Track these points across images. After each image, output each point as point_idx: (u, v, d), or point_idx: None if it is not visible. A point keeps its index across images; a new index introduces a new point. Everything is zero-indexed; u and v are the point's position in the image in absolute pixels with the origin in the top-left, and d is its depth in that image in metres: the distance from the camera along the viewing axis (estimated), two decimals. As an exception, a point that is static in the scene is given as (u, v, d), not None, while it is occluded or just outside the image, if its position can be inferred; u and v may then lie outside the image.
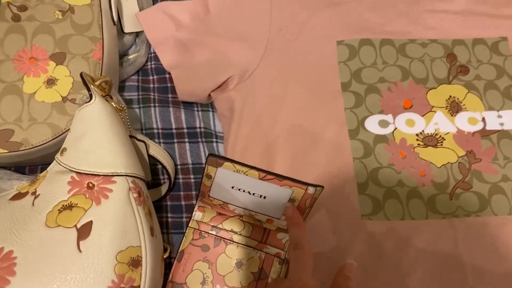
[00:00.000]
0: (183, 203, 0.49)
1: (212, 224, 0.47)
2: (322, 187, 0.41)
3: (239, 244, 0.46)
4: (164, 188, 0.49)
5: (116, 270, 0.35)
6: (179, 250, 0.46)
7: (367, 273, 0.46)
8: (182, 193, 0.50)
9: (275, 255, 0.46)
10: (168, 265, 0.46)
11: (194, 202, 0.50)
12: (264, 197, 0.42)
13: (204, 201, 0.45)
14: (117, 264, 0.35)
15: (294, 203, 0.42)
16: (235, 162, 0.39)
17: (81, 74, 0.41)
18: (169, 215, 0.49)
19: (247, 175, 0.40)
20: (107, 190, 0.37)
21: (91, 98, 0.40)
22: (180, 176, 0.50)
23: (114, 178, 0.37)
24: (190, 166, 0.51)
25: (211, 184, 0.42)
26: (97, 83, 0.41)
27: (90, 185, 0.37)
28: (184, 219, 0.49)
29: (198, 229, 0.46)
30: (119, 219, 0.36)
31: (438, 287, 0.46)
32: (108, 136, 0.38)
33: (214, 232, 0.47)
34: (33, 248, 0.34)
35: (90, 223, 0.35)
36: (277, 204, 0.43)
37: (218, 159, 0.39)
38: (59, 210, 0.36)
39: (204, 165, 0.46)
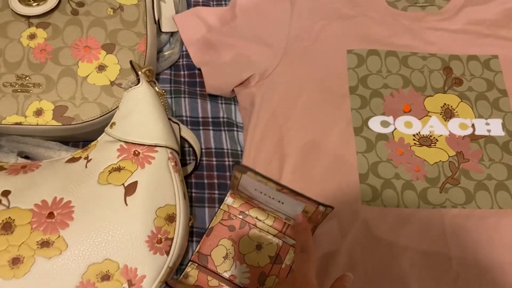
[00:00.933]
0: (205, 181, 0.56)
1: (240, 209, 0.52)
2: (332, 208, 0.45)
3: (262, 230, 0.52)
4: (190, 168, 0.56)
5: (155, 222, 0.41)
6: (209, 227, 0.51)
7: (363, 252, 0.52)
8: (205, 172, 0.57)
9: (291, 245, 0.52)
10: (191, 233, 0.53)
11: (215, 181, 0.56)
12: (282, 203, 0.48)
13: (234, 191, 0.52)
14: (156, 218, 0.42)
15: (307, 214, 0.48)
16: (257, 173, 0.43)
17: (130, 62, 0.48)
18: (193, 190, 0.55)
19: (267, 185, 0.45)
20: (150, 158, 0.44)
21: (138, 82, 0.47)
22: (204, 158, 0.57)
23: (156, 148, 0.44)
24: (213, 150, 0.58)
25: (238, 183, 0.48)
26: (143, 70, 0.48)
27: (136, 152, 0.44)
28: (206, 195, 0.55)
29: (228, 212, 0.52)
30: (159, 181, 0.43)
31: (426, 268, 0.52)
32: (153, 113, 0.46)
33: (241, 217, 0.52)
34: (87, 200, 0.41)
35: (136, 183, 0.42)
36: (293, 210, 0.48)
37: (243, 168, 0.44)
38: (109, 171, 0.43)
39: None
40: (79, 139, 0.56)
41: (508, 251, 0.52)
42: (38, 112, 0.51)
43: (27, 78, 0.52)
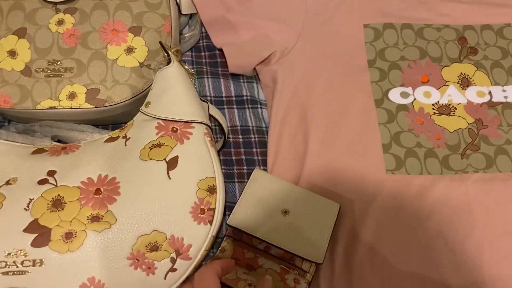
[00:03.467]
0: (233, 158, 0.58)
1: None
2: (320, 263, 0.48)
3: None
4: (218, 145, 0.57)
5: (197, 194, 0.43)
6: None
7: (389, 218, 0.54)
8: (232, 149, 0.58)
9: None
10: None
11: (243, 157, 0.58)
12: None
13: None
14: (198, 190, 0.43)
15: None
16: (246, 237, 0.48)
17: (160, 43, 0.50)
18: (223, 167, 0.57)
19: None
20: (188, 133, 0.45)
21: (168, 62, 0.49)
22: (231, 136, 0.59)
23: (193, 125, 0.46)
24: (239, 128, 0.60)
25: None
26: (172, 50, 0.50)
27: (174, 129, 0.45)
28: (235, 171, 0.57)
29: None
30: (198, 155, 0.44)
31: (451, 231, 0.54)
32: (186, 92, 0.47)
33: None
34: (132, 176, 0.43)
35: (176, 157, 0.44)
36: None
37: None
38: (149, 147, 0.45)
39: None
40: (109, 122, 0.58)
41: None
42: (71, 96, 0.52)
43: (59, 63, 0.53)
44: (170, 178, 0.43)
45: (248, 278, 0.46)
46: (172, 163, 0.43)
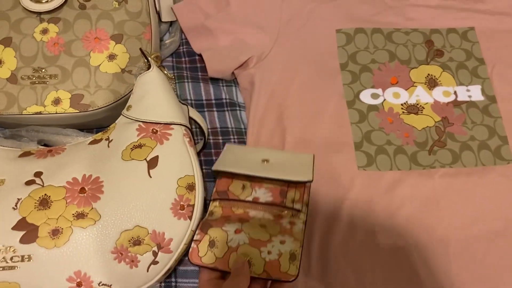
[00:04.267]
0: (214, 158, 0.60)
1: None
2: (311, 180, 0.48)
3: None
4: (199, 146, 0.60)
5: (177, 191, 0.46)
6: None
7: (361, 212, 0.57)
8: (213, 150, 0.61)
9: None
10: (204, 205, 0.57)
11: (223, 157, 0.61)
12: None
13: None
14: (178, 187, 0.46)
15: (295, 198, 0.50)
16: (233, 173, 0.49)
17: (140, 49, 0.52)
18: (204, 167, 0.60)
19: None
20: (168, 134, 0.48)
21: (149, 68, 0.52)
22: (211, 137, 0.62)
23: (172, 126, 0.49)
24: (219, 129, 0.63)
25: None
26: (152, 56, 0.53)
27: (154, 130, 0.48)
28: (215, 171, 0.60)
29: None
30: (177, 155, 0.47)
31: (421, 222, 0.57)
32: (166, 95, 0.50)
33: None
34: (114, 175, 0.46)
35: (157, 157, 0.47)
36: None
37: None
38: (131, 148, 0.47)
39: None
40: (93, 125, 0.60)
41: (490, 203, 0.58)
42: (56, 101, 0.55)
43: (43, 70, 0.55)
44: (150, 177, 0.46)
45: (240, 241, 0.44)
46: (152, 163, 0.46)
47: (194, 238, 0.45)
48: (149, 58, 0.52)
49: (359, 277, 0.54)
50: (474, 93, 0.65)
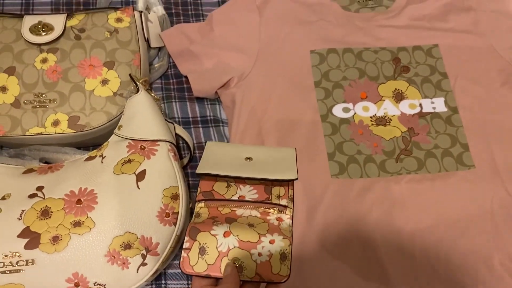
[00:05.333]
0: (199, 170, 0.67)
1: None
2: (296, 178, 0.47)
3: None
4: (185, 160, 0.66)
5: (163, 201, 0.52)
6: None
7: (335, 216, 0.62)
8: (198, 163, 0.67)
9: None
10: (191, 214, 0.62)
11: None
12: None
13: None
14: (163, 197, 0.52)
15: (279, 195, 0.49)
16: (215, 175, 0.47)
17: (129, 75, 0.59)
18: (190, 178, 0.66)
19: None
20: (154, 150, 0.54)
21: (137, 91, 0.58)
22: (197, 151, 0.68)
23: (158, 143, 0.55)
24: (204, 144, 0.69)
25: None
26: (140, 81, 0.59)
27: (142, 147, 0.54)
28: (201, 182, 0.66)
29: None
30: (163, 168, 0.53)
31: (388, 224, 0.62)
32: (152, 115, 0.56)
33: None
34: (107, 188, 0.52)
35: (144, 171, 0.53)
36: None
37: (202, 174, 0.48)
38: (121, 163, 0.53)
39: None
40: (89, 144, 0.66)
41: (453, 205, 0.63)
42: (55, 123, 0.61)
43: (43, 95, 0.62)
44: (139, 188, 0.51)
45: (230, 245, 0.44)
46: (140, 176, 0.52)
47: (184, 247, 0.44)
48: (138, 83, 0.58)
49: (332, 276, 0.60)
50: (438, 105, 0.71)
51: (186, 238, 0.44)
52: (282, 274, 0.43)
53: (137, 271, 0.50)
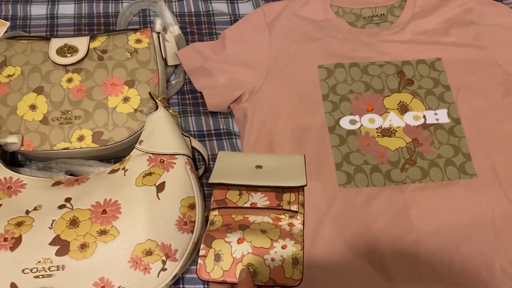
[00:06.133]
0: (214, 181, 0.71)
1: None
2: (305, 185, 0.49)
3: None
4: (201, 171, 0.70)
5: (181, 210, 0.56)
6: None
7: (341, 224, 0.65)
8: (213, 174, 0.71)
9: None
10: (207, 222, 0.66)
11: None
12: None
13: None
14: (181, 207, 0.56)
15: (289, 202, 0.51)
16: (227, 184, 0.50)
17: (149, 93, 0.63)
18: (205, 188, 0.70)
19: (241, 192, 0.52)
20: (172, 163, 0.59)
21: (157, 108, 0.62)
22: (211, 163, 0.72)
23: (176, 156, 0.59)
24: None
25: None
26: (159, 98, 0.63)
27: (162, 160, 0.59)
28: (216, 192, 0.70)
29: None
30: (181, 180, 0.57)
31: (392, 231, 0.65)
32: (171, 131, 0.61)
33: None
34: (130, 198, 0.56)
35: (164, 182, 0.57)
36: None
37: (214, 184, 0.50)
38: (143, 176, 0.58)
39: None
40: (111, 157, 0.71)
41: (455, 213, 0.66)
42: (80, 138, 0.66)
43: (69, 112, 0.67)
44: (159, 199, 0.56)
45: (244, 251, 0.46)
46: (160, 187, 0.56)
47: (200, 254, 0.46)
48: (157, 100, 0.62)
49: (339, 281, 0.63)
50: (441, 116, 0.74)
51: (202, 246, 0.46)
52: (295, 278, 0.45)
53: (158, 276, 0.54)
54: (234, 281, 0.45)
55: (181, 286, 0.63)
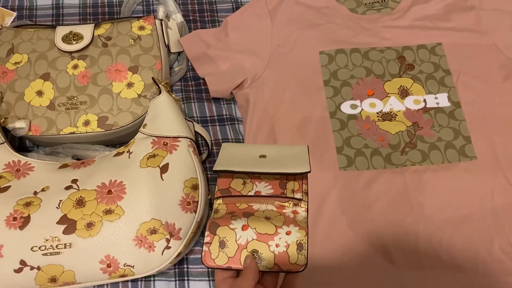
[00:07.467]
0: (217, 165, 0.72)
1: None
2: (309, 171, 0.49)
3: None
4: (204, 155, 0.71)
5: (184, 190, 0.58)
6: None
7: (342, 206, 0.66)
8: (216, 158, 0.72)
9: None
10: (210, 205, 0.68)
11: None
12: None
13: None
14: (184, 187, 0.58)
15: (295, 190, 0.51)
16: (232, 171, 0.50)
17: (152, 78, 0.65)
18: (208, 172, 0.71)
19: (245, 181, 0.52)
20: (176, 146, 0.60)
21: (160, 92, 0.64)
22: (214, 148, 0.73)
23: (179, 139, 0.61)
24: (221, 140, 0.74)
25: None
26: (162, 83, 0.65)
27: (165, 143, 0.60)
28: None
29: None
30: (184, 161, 0.59)
31: (393, 213, 0.66)
32: (174, 114, 0.62)
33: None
34: (134, 179, 0.57)
35: (167, 164, 0.58)
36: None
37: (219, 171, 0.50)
38: (147, 158, 0.59)
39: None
40: (116, 142, 0.72)
41: (455, 194, 0.67)
42: (86, 123, 0.67)
43: (75, 98, 0.68)
44: (163, 180, 0.57)
45: (248, 238, 0.46)
46: (164, 169, 0.58)
47: (205, 241, 0.46)
48: (160, 85, 0.64)
49: (340, 265, 0.64)
50: (442, 100, 0.74)
51: (207, 233, 0.46)
52: (300, 263, 0.44)
53: (162, 254, 0.56)
54: (239, 267, 0.45)
55: (185, 266, 0.64)
